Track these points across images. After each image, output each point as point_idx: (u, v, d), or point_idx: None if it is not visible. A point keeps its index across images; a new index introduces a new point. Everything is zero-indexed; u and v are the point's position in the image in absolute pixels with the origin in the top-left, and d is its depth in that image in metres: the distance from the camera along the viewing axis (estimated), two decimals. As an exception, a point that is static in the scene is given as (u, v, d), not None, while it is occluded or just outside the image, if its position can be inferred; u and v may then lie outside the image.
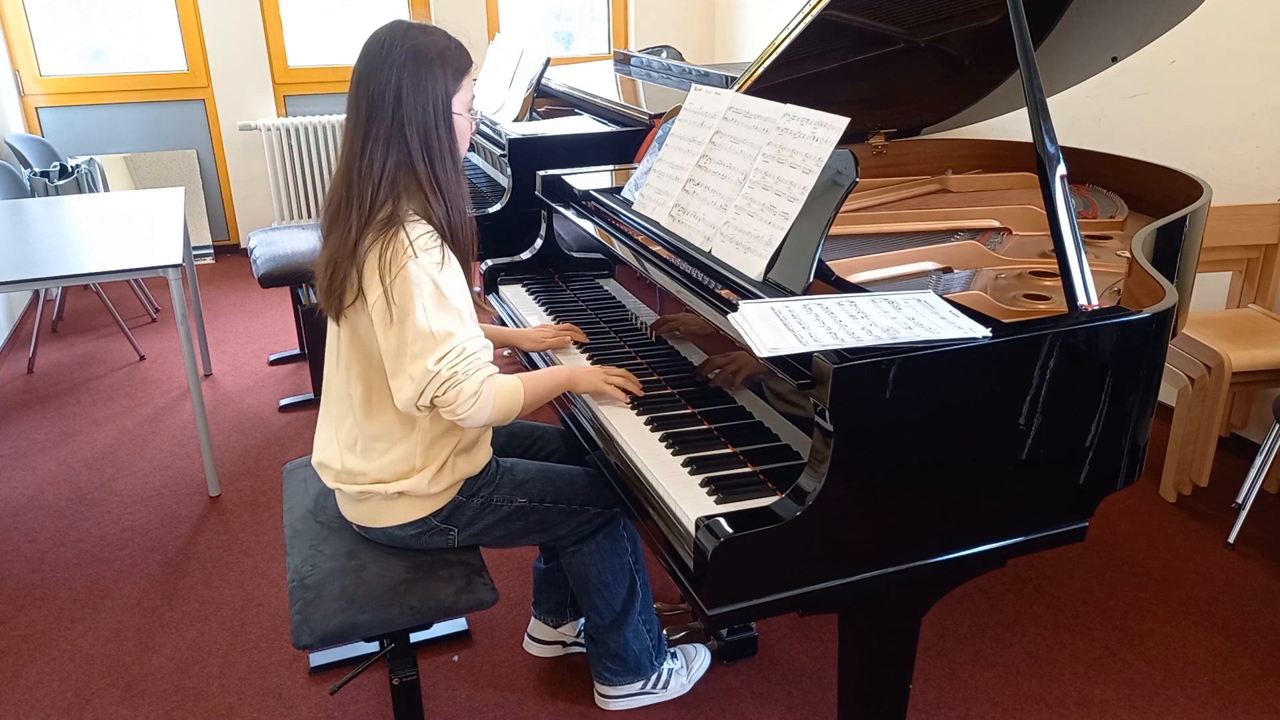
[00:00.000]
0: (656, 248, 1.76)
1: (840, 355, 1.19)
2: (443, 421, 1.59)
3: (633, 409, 1.66)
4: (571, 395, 1.77)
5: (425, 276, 1.45)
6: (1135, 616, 2.25)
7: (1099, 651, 2.14)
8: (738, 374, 1.56)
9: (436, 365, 1.45)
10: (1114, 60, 2.28)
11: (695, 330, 1.69)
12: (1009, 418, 1.30)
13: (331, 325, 1.62)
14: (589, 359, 1.89)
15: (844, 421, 1.20)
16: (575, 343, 1.96)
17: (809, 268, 1.45)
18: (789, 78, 2.08)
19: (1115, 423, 1.37)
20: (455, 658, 2.14)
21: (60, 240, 2.92)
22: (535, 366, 1.95)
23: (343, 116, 1.55)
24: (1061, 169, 1.44)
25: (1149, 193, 2.23)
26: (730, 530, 1.19)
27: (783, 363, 1.29)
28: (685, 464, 1.46)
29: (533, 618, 2.13)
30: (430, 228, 1.49)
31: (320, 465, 1.68)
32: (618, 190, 2.10)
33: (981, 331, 1.26)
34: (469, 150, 3.74)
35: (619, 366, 1.79)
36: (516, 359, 1.99)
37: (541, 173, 2.29)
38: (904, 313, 1.32)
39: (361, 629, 1.54)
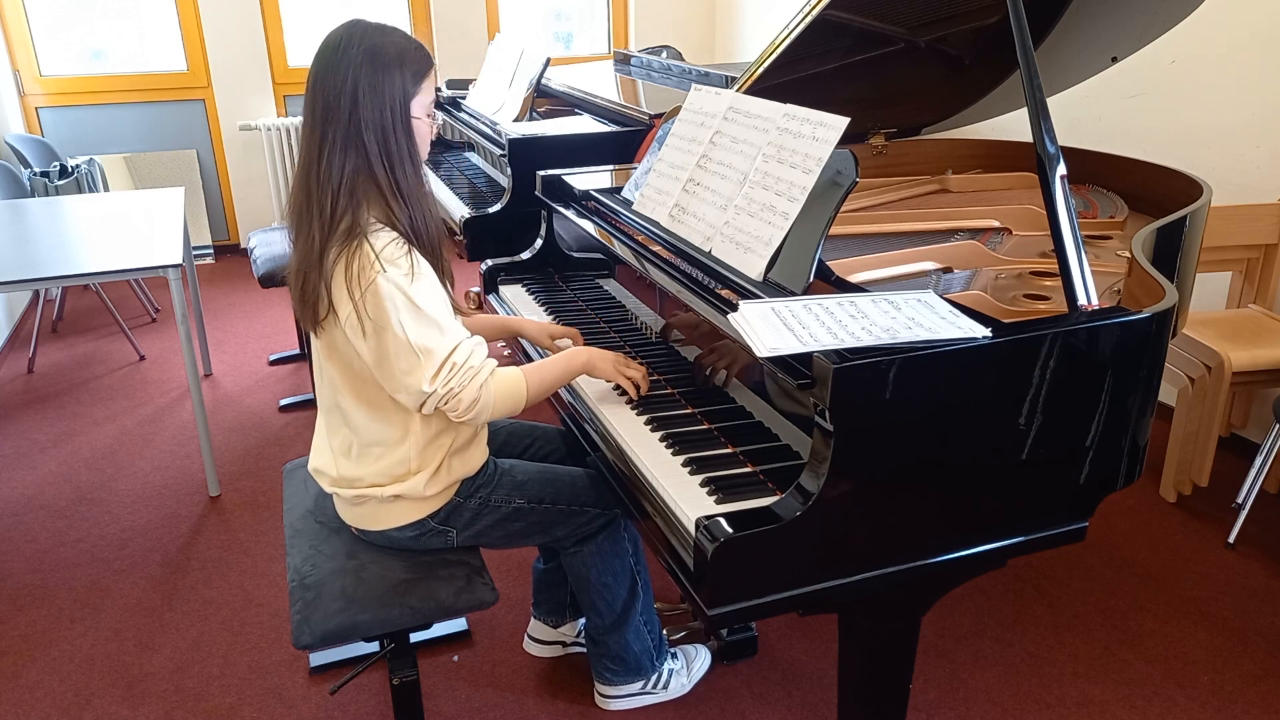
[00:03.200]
0: (656, 248, 1.76)
1: (840, 355, 1.19)
2: (435, 425, 1.58)
3: (633, 409, 1.66)
4: (572, 395, 1.77)
5: (396, 290, 1.42)
6: (1135, 616, 2.25)
7: (1099, 651, 2.14)
8: (732, 366, 1.56)
9: (431, 386, 1.45)
10: (1114, 60, 2.28)
11: (704, 335, 1.68)
12: (1009, 418, 1.30)
13: (312, 338, 1.59)
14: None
15: (844, 421, 1.20)
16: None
17: (809, 268, 1.45)
18: (789, 78, 2.08)
19: (1115, 423, 1.37)
20: (455, 658, 2.14)
21: (60, 240, 2.92)
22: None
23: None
24: (1061, 169, 1.44)
25: (1149, 193, 2.23)
26: (730, 530, 1.19)
27: (783, 363, 1.29)
28: (685, 464, 1.46)
29: (533, 618, 2.13)
30: (395, 235, 1.46)
31: (316, 471, 1.68)
32: (618, 190, 2.10)
33: (981, 331, 1.26)
34: (469, 150, 3.74)
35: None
36: (516, 358, 1.98)
37: (541, 173, 2.29)
38: (904, 313, 1.32)
39: (361, 629, 1.54)
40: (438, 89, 3.97)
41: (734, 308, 1.36)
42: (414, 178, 1.50)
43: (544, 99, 3.67)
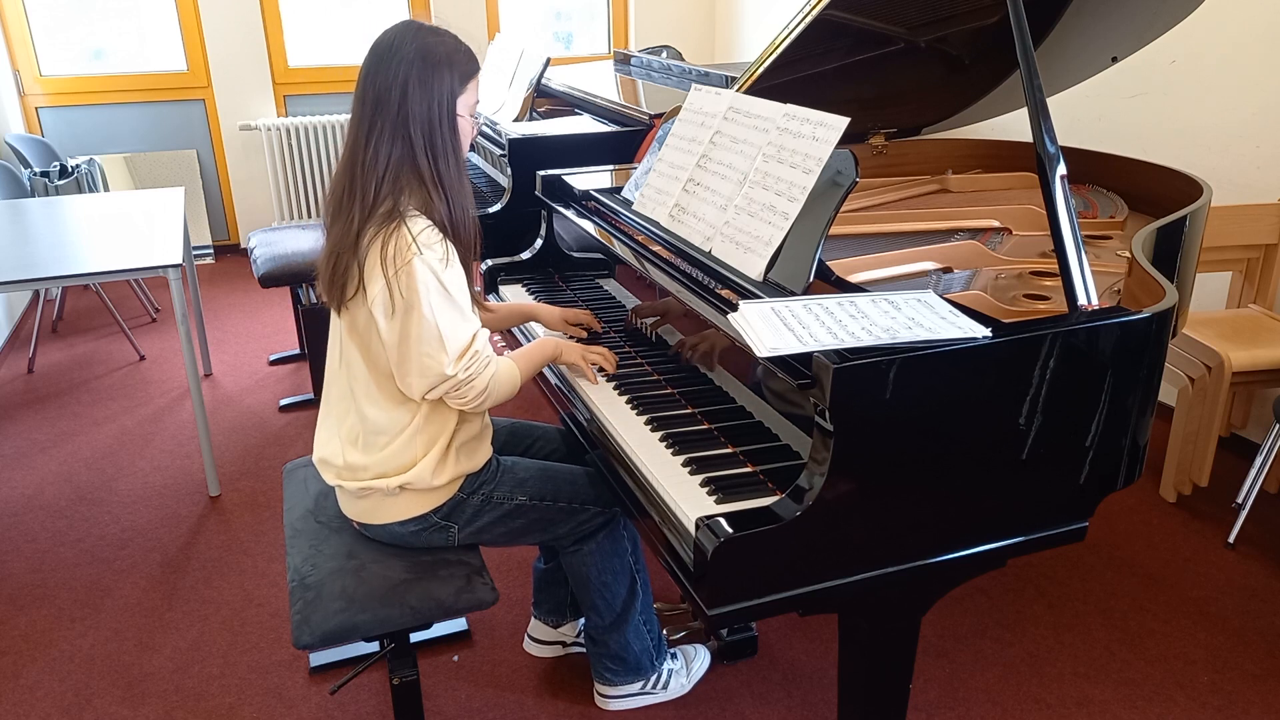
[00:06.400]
0: (656, 248, 1.76)
1: (840, 355, 1.19)
2: (440, 413, 1.61)
3: (632, 408, 1.67)
4: (571, 395, 1.78)
5: (430, 274, 1.47)
6: (1135, 616, 2.25)
7: (1099, 651, 2.14)
8: (713, 351, 1.57)
9: (454, 369, 1.51)
10: (1114, 60, 2.28)
11: (673, 312, 1.68)
12: (1009, 418, 1.30)
13: (334, 320, 1.64)
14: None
15: (844, 421, 1.20)
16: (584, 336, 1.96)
17: (809, 268, 1.45)
18: (789, 78, 2.08)
19: (1115, 423, 1.37)
20: (455, 658, 2.14)
21: (60, 240, 2.92)
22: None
23: (343, 116, 1.58)
24: (1061, 169, 1.44)
25: (1149, 193, 2.23)
26: (730, 530, 1.19)
27: (783, 363, 1.29)
28: (685, 464, 1.46)
29: (533, 618, 2.13)
30: (431, 223, 1.51)
31: (322, 462, 1.68)
32: (618, 190, 2.10)
33: (981, 331, 1.26)
34: (470, 150, 3.74)
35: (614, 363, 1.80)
36: (511, 346, 1.98)
37: (541, 173, 2.29)
38: (904, 313, 1.32)
39: (361, 629, 1.54)
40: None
41: (734, 308, 1.37)
42: (455, 171, 1.56)
43: (544, 99, 3.67)
